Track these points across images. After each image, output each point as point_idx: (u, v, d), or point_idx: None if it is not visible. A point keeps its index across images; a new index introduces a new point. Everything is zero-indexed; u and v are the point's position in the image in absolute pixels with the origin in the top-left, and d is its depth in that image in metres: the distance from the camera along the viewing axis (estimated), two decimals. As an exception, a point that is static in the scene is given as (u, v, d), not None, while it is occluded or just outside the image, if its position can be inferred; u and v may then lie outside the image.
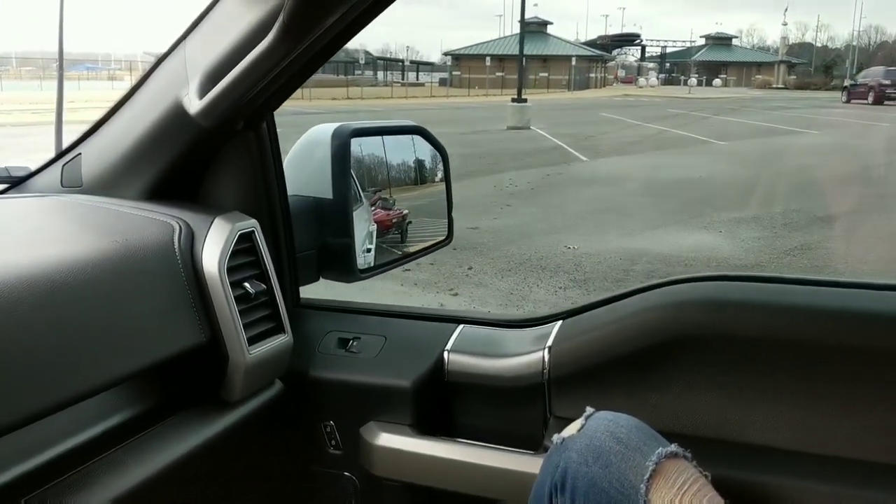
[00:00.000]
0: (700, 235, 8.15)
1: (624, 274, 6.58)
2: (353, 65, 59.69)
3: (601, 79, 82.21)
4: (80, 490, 1.01)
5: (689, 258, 7.10)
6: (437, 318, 1.54)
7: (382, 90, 53.94)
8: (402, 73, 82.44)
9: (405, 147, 1.67)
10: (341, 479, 1.48)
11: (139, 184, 1.31)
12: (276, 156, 1.41)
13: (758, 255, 7.26)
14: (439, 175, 1.71)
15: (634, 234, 8.17)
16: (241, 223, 1.25)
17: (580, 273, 6.59)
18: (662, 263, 6.91)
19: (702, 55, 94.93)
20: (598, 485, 1.02)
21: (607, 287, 6.18)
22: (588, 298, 1.41)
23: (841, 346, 1.16)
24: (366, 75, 75.23)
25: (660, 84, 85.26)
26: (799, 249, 7.45)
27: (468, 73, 71.61)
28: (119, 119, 1.34)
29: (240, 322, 1.20)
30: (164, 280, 1.15)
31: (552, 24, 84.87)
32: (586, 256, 7.16)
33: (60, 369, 0.96)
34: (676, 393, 1.26)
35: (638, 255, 7.21)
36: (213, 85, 1.17)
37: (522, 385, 1.36)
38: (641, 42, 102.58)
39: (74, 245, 1.10)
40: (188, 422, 1.20)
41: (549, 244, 7.63)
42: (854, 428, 1.16)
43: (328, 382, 1.43)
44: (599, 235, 8.10)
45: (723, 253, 7.34)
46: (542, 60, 74.84)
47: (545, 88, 66.64)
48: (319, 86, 49.98)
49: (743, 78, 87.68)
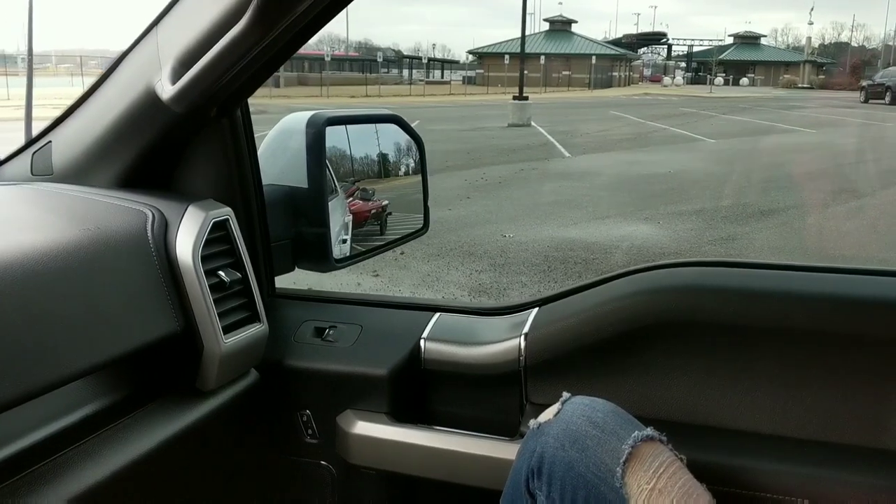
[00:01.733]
0: (637, 226, 8.53)
1: (543, 259, 7.00)
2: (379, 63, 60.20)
3: (626, 77, 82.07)
4: (52, 480, 1.00)
5: (612, 246, 7.50)
6: (413, 307, 1.54)
7: (401, 88, 54.48)
8: (426, 72, 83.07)
9: (382, 136, 1.66)
10: (318, 468, 1.48)
11: (111, 171, 1.30)
12: (250, 144, 1.40)
13: (679, 244, 7.63)
14: (415, 164, 1.71)
15: (574, 225, 8.57)
16: (215, 211, 1.24)
17: (502, 258, 7.02)
18: (583, 250, 7.31)
19: (729, 54, 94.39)
20: (575, 469, 1.03)
21: (520, 270, 6.62)
22: (560, 288, 1.46)
23: (815, 330, 1.17)
24: (391, 73, 75.90)
25: (685, 83, 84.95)
26: (722, 240, 7.81)
27: (491, 72, 72.08)
28: (90, 106, 1.32)
29: (214, 311, 1.20)
30: (138, 268, 1.14)
31: (576, 23, 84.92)
32: (516, 244, 7.59)
33: (32, 358, 0.95)
34: (652, 378, 1.26)
35: (565, 242, 7.62)
36: (185, 70, 1.16)
37: (499, 372, 1.37)
38: (668, 41, 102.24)
39: (46, 233, 1.09)
40: (163, 411, 1.19)
41: (487, 233, 8.06)
42: (829, 411, 1.17)
43: (304, 371, 1.42)
44: (539, 226, 8.51)
45: (648, 241, 7.73)
46: (565, 59, 75.00)
47: (566, 87, 66.81)
48: (337, 83, 50.68)
49: (771, 77, 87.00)
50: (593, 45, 78.79)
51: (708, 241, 7.78)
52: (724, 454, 1.17)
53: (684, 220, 8.83)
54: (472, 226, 8.40)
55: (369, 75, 58.64)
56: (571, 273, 6.58)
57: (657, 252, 7.33)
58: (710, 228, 8.36)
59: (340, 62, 70.09)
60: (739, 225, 8.54)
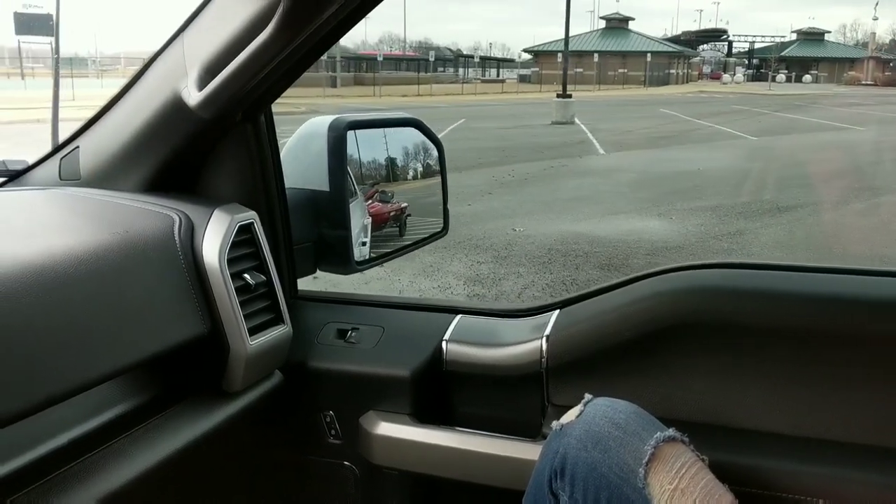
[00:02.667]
0: (649, 221, 8.69)
1: (545, 252, 7.23)
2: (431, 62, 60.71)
3: (684, 75, 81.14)
4: (83, 480, 1.02)
5: (618, 240, 7.68)
6: (434, 309, 1.55)
7: (454, 87, 54.85)
8: (482, 70, 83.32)
9: (402, 140, 1.69)
10: (341, 469, 1.50)
11: (138, 176, 1.32)
12: (273, 148, 1.42)
13: (685, 238, 7.80)
14: (435, 167, 1.72)
15: (586, 220, 8.77)
16: (241, 215, 1.26)
17: (506, 251, 7.27)
18: (587, 244, 7.51)
19: (791, 51, 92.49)
20: (598, 470, 1.04)
21: (520, 262, 6.87)
22: (581, 289, 1.46)
23: (837, 332, 1.17)
24: (447, 72, 76.40)
25: (745, 80, 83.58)
26: (729, 235, 7.94)
27: (545, 70, 72.04)
28: (117, 112, 1.34)
29: (240, 313, 1.22)
30: (166, 271, 1.16)
31: (633, 21, 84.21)
32: (524, 237, 7.83)
33: (63, 360, 0.97)
34: (674, 380, 1.26)
35: (572, 237, 7.83)
36: (212, 77, 1.18)
37: (520, 374, 1.37)
38: (728, 37, 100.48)
39: (75, 237, 1.11)
40: (189, 412, 1.21)
41: (499, 227, 8.31)
42: (851, 412, 1.17)
43: (327, 373, 1.44)
44: (552, 221, 8.74)
45: (655, 236, 7.90)
46: (622, 56, 74.51)
47: (621, 84, 66.38)
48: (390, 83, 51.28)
49: (835, 74, 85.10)
50: (649, 43, 78.04)
51: (714, 236, 7.92)
52: (745, 455, 1.17)
53: (697, 215, 8.95)
54: (486, 220, 8.66)
55: (424, 74, 59.16)
56: (569, 265, 6.80)
57: (660, 246, 7.50)
58: (720, 224, 8.49)
59: (397, 62, 70.84)
60: (751, 221, 8.64)
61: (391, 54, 75.13)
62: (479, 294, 5.97)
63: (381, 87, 45.98)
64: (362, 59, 61.92)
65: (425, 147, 1.70)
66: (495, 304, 1.77)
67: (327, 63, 52.70)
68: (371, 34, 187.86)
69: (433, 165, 1.72)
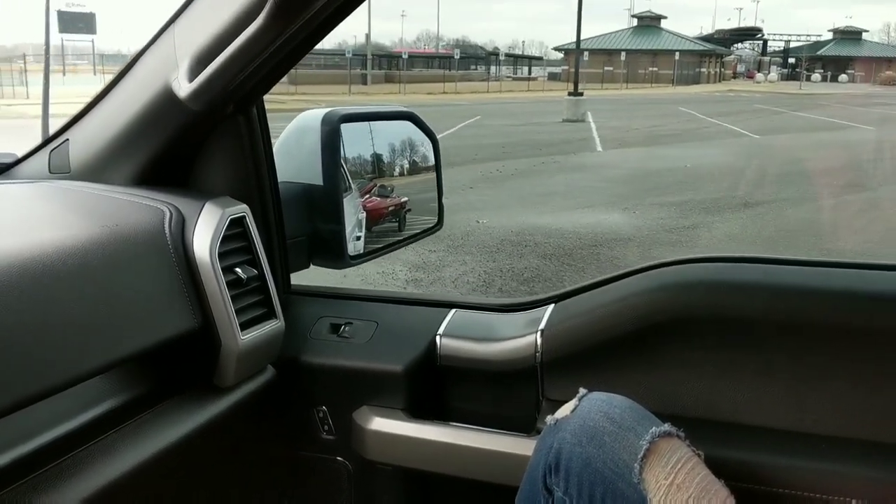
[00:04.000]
0: (611, 215, 8.99)
1: (498, 242, 7.58)
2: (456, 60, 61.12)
3: (716, 74, 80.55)
4: (72, 475, 1.01)
5: (571, 231, 8.03)
6: (428, 303, 1.55)
7: (480, 85, 55.15)
8: (513, 68, 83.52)
9: (396, 133, 1.67)
10: (334, 464, 1.49)
11: (128, 169, 1.31)
12: (266, 141, 1.41)
13: (638, 231, 8.13)
14: (430, 161, 1.70)
15: (552, 213, 9.10)
16: (232, 208, 1.25)
17: (461, 241, 7.61)
18: (542, 235, 7.85)
19: (827, 50, 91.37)
20: (593, 465, 1.03)
21: (470, 251, 7.22)
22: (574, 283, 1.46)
23: (833, 326, 1.17)
24: (478, 70, 76.70)
25: (779, 79, 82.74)
26: (684, 228, 8.24)
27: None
28: (107, 104, 1.33)
29: (231, 307, 1.20)
30: (156, 265, 1.15)
31: (666, 19, 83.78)
32: (483, 229, 8.18)
33: (51, 354, 0.96)
34: (669, 374, 1.26)
35: (530, 228, 8.17)
36: (202, 68, 1.17)
37: (515, 368, 1.37)
38: (762, 36, 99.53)
39: (64, 230, 1.10)
40: (181, 407, 1.20)
41: (465, 219, 8.64)
42: (847, 407, 1.17)
43: (320, 368, 1.43)
44: (519, 214, 9.08)
45: (610, 228, 8.22)
46: (653, 55, 74.24)
47: (651, 83, 66.18)
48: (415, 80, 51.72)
49: (872, 73, 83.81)
50: (680, 41, 77.66)
51: (668, 229, 8.21)
52: (741, 450, 1.17)
53: (662, 210, 9.24)
54: (455, 213, 8.97)
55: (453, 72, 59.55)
56: (514, 254, 7.14)
57: (610, 238, 7.79)
58: (680, 218, 8.77)
59: (428, 59, 71.33)
60: (711, 216, 8.90)
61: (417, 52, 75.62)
62: (418, 279, 6.34)
63: (406, 84, 46.54)
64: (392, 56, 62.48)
65: (421, 140, 1.69)
66: (490, 299, 1.77)
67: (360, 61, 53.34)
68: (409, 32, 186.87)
69: (428, 159, 1.70)
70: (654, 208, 9.35)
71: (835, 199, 10.11)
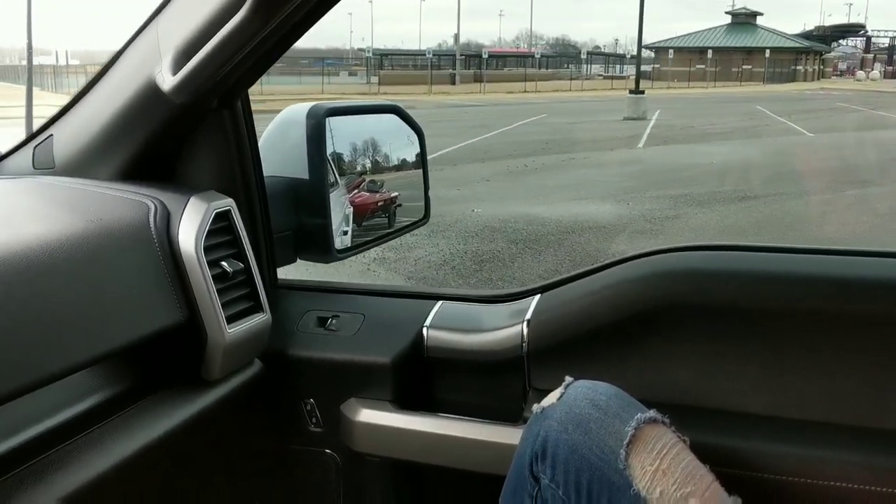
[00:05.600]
0: (604, 206, 9.58)
1: (481, 228, 8.29)
2: (537, 59, 61.59)
3: (814, 71, 78.17)
4: (58, 469, 1.00)
5: (555, 221, 8.64)
6: (415, 296, 1.55)
7: (563, 84, 55.42)
8: (605, 67, 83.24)
9: (382, 127, 1.67)
10: (322, 456, 1.49)
11: (112, 164, 1.31)
12: (251, 135, 1.41)
13: (619, 220, 8.75)
14: (417, 155, 1.71)
15: (548, 204, 9.73)
16: (217, 202, 1.24)
17: (445, 228, 8.30)
18: (524, 223, 8.51)
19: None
20: (579, 451, 1.04)
21: (448, 236, 7.93)
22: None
23: (818, 312, 1.19)
24: (567, 69, 76.97)
25: (881, 77, 79.67)
26: (664, 219, 8.80)
27: (665, 66, 71.39)
28: (91, 99, 1.33)
29: (218, 301, 1.20)
30: (141, 259, 1.15)
31: (762, 16, 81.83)
32: (474, 217, 8.87)
33: (36, 348, 0.96)
34: (655, 362, 1.27)
35: (518, 217, 8.82)
36: (186, 61, 1.17)
37: (501, 359, 1.37)
38: (865, 32, 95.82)
39: (49, 225, 1.10)
40: (168, 401, 1.20)
41: (462, 209, 9.33)
42: (831, 393, 1.18)
43: (308, 361, 1.43)
44: (516, 204, 9.72)
45: (593, 217, 8.81)
46: (747, 52, 72.71)
47: (741, 81, 64.99)
48: (501, 80, 52.45)
49: None
50: (774, 38, 75.67)
51: (647, 219, 8.79)
52: (727, 436, 1.18)
53: (655, 202, 9.77)
54: (457, 202, 9.68)
55: (541, 70, 59.98)
56: (486, 239, 7.84)
57: (588, 226, 8.41)
58: (666, 209, 9.31)
59: (517, 58, 71.92)
60: (697, 208, 9.42)
61: (497, 51, 76.16)
62: (385, 258, 7.10)
63: (487, 83, 47.35)
64: (476, 56, 63.44)
65: (407, 134, 1.70)
66: (476, 291, 1.80)
67: (451, 61, 54.31)
68: (509, 31, 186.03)
69: (414, 153, 1.71)
70: (650, 200, 9.87)
71: (832, 194, 10.45)
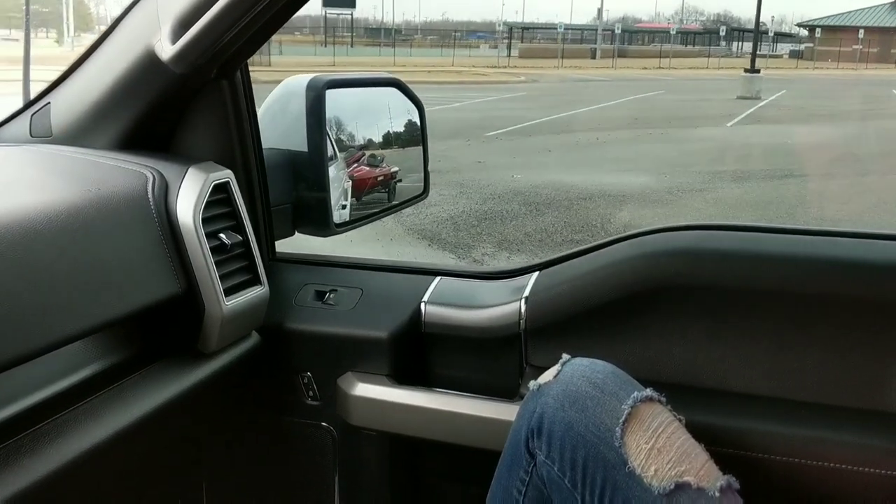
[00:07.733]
0: (639, 178, 10.07)
1: (507, 191, 8.98)
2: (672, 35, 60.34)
3: None
4: (55, 439, 1.01)
5: (581, 188, 9.18)
6: (413, 271, 1.55)
7: (699, 61, 54.18)
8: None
9: (383, 100, 1.67)
10: (319, 430, 1.49)
11: (110, 133, 1.30)
12: (250, 106, 1.41)
13: (641, 190, 9.25)
14: (418, 129, 1.70)
15: (587, 174, 10.26)
16: (216, 173, 1.24)
17: (476, 190, 9.05)
18: (551, 189, 9.08)
19: None
20: (575, 429, 1.04)
21: (472, 197, 8.68)
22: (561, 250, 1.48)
23: (815, 293, 1.19)
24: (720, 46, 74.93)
25: None
26: (686, 192, 9.24)
27: (822, 46, 68.12)
28: (89, 67, 1.32)
29: (216, 273, 1.20)
30: (138, 230, 1.14)
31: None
32: (508, 182, 9.55)
33: (33, 318, 0.95)
34: (652, 341, 1.28)
35: (549, 184, 9.39)
36: (185, 30, 1.16)
37: (499, 336, 1.38)
38: None
39: (46, 194, 1.09)
40: (165, 372, 1.20)
41: (504, 175, 10.01)
42: (827, 374, 1.19)
43: (305, 334, 1.43)
44: (559, 173, 10.26)
45: (619, 188, 9.33)
46: (911, 32, 68.19)
47: None
48: (634, 56, 51.99)
49: None
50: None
51: (669, 191, 9.27)
52: (722, 416, 1.19)
53: (690, 176, 10.18)
54: (503, 169, 10.37)
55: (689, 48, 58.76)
56: (504, 201, 8.52)
57: (612, 194, 8.95)
58: (698, 184, 9.74)
59: (662, 34, 70.62)
60: (729, 183, 9.85)
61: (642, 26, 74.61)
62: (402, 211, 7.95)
63: (619, 59, 47.11)
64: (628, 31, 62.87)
65: (407, 107, 1.69)
66: (475, 267, 1.84)
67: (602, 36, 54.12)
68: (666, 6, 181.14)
69: (416, 127, 1.71)
70: (689, 175, 10.27)
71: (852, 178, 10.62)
